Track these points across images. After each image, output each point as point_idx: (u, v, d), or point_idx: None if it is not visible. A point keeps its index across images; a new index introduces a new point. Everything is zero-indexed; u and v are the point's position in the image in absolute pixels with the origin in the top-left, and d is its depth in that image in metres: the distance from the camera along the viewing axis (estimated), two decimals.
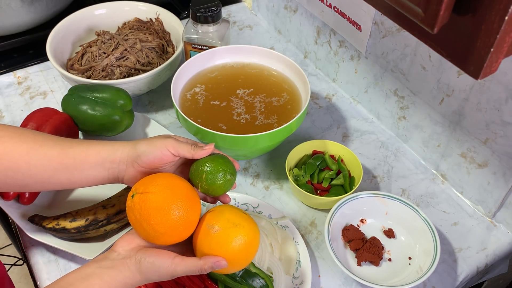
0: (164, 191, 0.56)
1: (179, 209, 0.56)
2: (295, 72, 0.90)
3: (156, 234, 0.56)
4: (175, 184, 0.58)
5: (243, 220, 0.60)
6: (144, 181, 0.58)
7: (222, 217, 0.59)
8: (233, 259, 0.58)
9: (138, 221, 0.56)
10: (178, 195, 0.57)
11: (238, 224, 0.59)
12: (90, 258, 0.69)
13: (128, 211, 0.57)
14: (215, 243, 0.58)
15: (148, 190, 0.56)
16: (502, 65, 0.64)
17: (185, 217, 0.57)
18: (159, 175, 0.59)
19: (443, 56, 0.36)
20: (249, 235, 0.59)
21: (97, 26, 1.06)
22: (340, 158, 0.86)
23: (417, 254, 0.75)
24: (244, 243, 0.58)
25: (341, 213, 0.77)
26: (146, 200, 0.56)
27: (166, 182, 0.58)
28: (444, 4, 0.31)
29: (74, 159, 0.60)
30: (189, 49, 0.94)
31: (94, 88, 0.85)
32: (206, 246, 0.58)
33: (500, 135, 0.73)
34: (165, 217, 0.55)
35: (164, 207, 0.55)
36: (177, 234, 0.57)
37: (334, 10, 0.94)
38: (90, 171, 0.61)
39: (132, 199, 0.57)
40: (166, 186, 0.57)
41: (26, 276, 1.67)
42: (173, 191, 0.57)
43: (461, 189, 0.85)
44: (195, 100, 0.88)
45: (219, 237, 0.58)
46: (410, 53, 0.82)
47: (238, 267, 0.61)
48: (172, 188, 0.57)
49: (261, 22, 1.24)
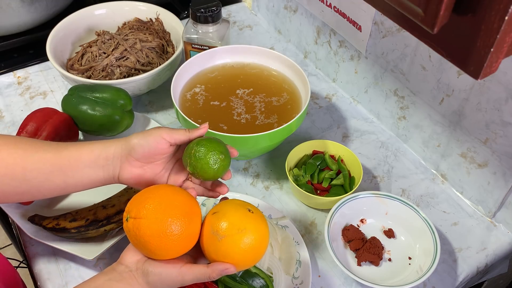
0: (156, 216, 0.54)
1: (176, 227, 0.54)
2: (295, 72, 0.90)
3: (156, 256, 0.55)
4: (168, 202, 0.56)
5: (248, 223, 0.57)
6: (135, 202, 0.56)
7: (226, 220, 0.57)
8: (240, 263, 0.57)
9: (137, 245, 0.55)
10: (172, 212, 0.55)
11: (244, 229, 0.56)
12: (90, 258, 0.69)
13: (126, 233, 0.56)
14: (221, 250, 0.56)
15: (140, 215, 0.54)
16: (502, 65, 0.64)
17: (185, 234, 0.55)
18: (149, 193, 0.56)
19: (443, 56, 0.36)
20: (256, 238, 0.57)
21: (97, 26, 1.06)
22: (340, 158, 0.86)
23: (417, 254, 0.75)
24: (251, 247, 0.56)
25: (341, 213, 0.77)
26: (139, 227, 0.54)
27: (157, 203, 0.55)
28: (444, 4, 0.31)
29: (68, 159, 0.59)
30: (189, 49, 0.94)
31: (94, 88, 0.85)
32: (213, 252, 0.57)
33: (500, 135, 0.73)
34: (162, 242, 0.54)
35: (159, 232, 0.53)
36: (179, 251, 0.56)
37: (334, 10, 0.94)
38: (84, 171, 0.60)
39: (126, 223, 0.55)
40: (157, 209, 0.54)
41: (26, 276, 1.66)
42: (166, 212, 0.54)
43: (461, 189, 0.85)
44: (195, 100, 0.88)
45: (225, 244, 0.56)
46: (410, 53, 0.82)
47: (247, 267, 0.60)
48: (165, 209, 0.55)
49: (261, 22, 1.24)
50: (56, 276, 0.73)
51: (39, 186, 0.60)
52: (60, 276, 0.73)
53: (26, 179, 0.59)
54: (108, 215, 0.73)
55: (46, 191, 0.61)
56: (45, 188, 0.60)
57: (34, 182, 0.59)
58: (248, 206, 0.59)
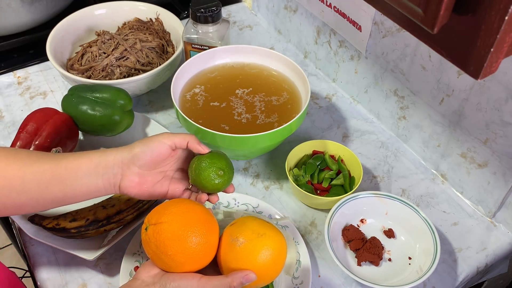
0: (178, 219, 0.54)
1: (196, 235, 0.54)
2: (295, 72, 0.90)
3: (175, 264, 0.54)
4: (188, 209, 0.56)
5: (267, 230, 0.57)
6: (156, 212, 0.56)
7: (245, 228, 0.57)
8: (261, 271, 0.56)
9: (155, 254, 0.54)
10: (193, 220, 0.55)
11: (264, 234, 0.56)
12: (90, 258, 0.69)
13: (144, 245, 0.55)
14: (241, 256, 0.55)
15: (161, 220, 0.54)
16: (502, 65, 0.64)
17: (204, 242, 0.55)
18: (170, 203, 0.57)
19: (443, 56, 0.36)
20: (276, 244, 0.57)
21: (97, 26, 1.06)
22: (340, 158, 0.86)
23: (417, 254, 0.75)
24: (272, 253, 0.56)
25: (341, 213, 0.77)
26: (160, 231, 0.53)
27: (178, 209, 0.56)
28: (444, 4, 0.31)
29: (66, 168, 0.59)
30: (189, 49, 0.94)
31: (94, 88, 0.85)
32: (232, 260, 0.56)
33: (500, 135, 0.73)
34: (183, 246, 0.53)
35: (180, 235, 0.53)
36: (197, 262, 0.56)
37: (334, 10, 0.94)
38: (83, 180, 0.59)
39: (146, 232, 0.55)
40: (179, 213, 0.55)
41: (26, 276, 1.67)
42: (187, 217, 0.55)
43: (461, 189, 0.85)
44: (195, 101, 0.88)
45: (245, 250, 0.55)
46: (410, 53, 0.82)
47: (268, 280, 0.58)
48: (186, 214, 0.55)
49: (261, 22, 1.24)
50: (56, 276, 0.73)
51: (38, 197, 0.59)
52: (60, 276, 0.73)
53: (25, 190, 0.58)
54: (108, 215, 0.73)
55: (45, 201, 0.60)
56: (44, 199, 0.59)
57: (33, 193, 0.58)
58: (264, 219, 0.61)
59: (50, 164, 0.59)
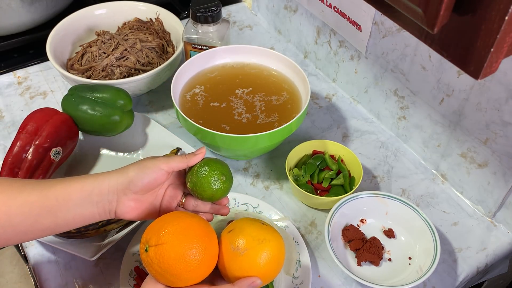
0: (179, 238, 0.54)
1: (198, 251, 0.54)
2: (295, 72, 0.90)
3: (181, 281, 0.55)
4: (186, 225, 0.56)
5: (267, 234, 0.58)
6: (153, 231, 0.55)
7: (245, 235, 0.58)
8: (265, 275, 0.57)
9: (160, 274, 0.54)
10: (193, 236, 0.55)
11: (264, 239, 0.57)
12: (90, 258, 0.69)
13: (146, 265, 0.55)
14: (245, 264, 0.56)
15: (161, 241, 0.54)
16: (502, 65, 0.64)
17: (206, 256, 0.55)
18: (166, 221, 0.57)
19: (443, 56, 0.36)
20: (277, 247, 0.58)
21: (97, 26, 1.06)
22: (340, 158, 0.86)
23: (417, 254, 0.75)
24: (273, 257, 0.57)
25: (341, 213, 0.77)
26: (163, 253, 0.53)
27: (176, 227, 0.55)
28: (444, 4, 0.31)
29: (56, 199, 0.55)
30: (189, 49, 0.94)
31: (94, 88, 0.85)
32: (237, 269, 0.57)
33: (500, 135, 0.73)
34: (187, 264, 0.54)
35: (183, 254, 0.54)
36: (201, 274, 0.56)
37: (334, 10, 0.94)
38: (76, 210, 0.56)
39: (147, 254, 0.54)
40: (179, 232, 0.55)
41: (26, 276, 1.67)
42: (187, 234, 0.55)
43: (461, 189, 0.85)
44: (195, 101, 0.88)
45: (248, 258, 0.56)
46: (410, 53, 0.82)
47: (269, 280, 0.60)
48: (185, 231, 0.55)
49: (261, 22, 1.24)
50: (56, 276, 0.73)
51: (26, 230, 0.55)
52: (60, 276, 0.73)
53: (12, 224, 0.54)
54: None
55: (34, 233, 0.56)
56: (33, 231, 0.56)
57: (21, 227, 0.55)
58: (259, 220, 0.61)
59: (37, 195, 0.55)
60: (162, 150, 0.84)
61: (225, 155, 0.90)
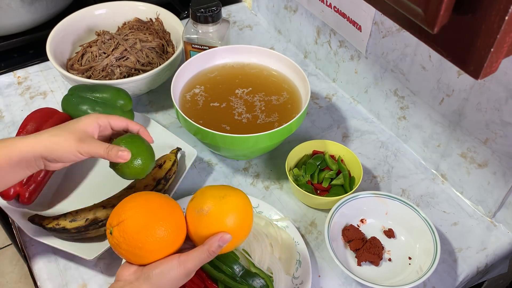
0: (138, 210, 0.55)
1: (160, 219, 0.55)
2: (295, 72, 0.90)
3: (150, 253, 0.55)
4: (145, 199, 0.57)
5: (227, 191, 0.59)
6: (114, 214, 0.57)
7: (205, 197, 0.58)
8: (233, 229, 0.57)
9: (128, 251, 0.55)
10: (153, 207, 0.56)
11: (225, 195, 0.58)
12: (90, 258, 0.69)
13: (115, 248, 0.56)
14: (210, 222, 0.57)
15: (122, 219, 0.55)
16: (502, 65, 0.64)
17: (169, 224, 0.56)
18: (125, 201, 0.58)
19: (443, 56, 0.36)
20: (240, 201, 0.58)
21: (97, 26, 1.06)
22: (340, 158, 0.86)
23: (417, 254, 0.75)
24: (238, 211, 0.58)
25: (341, 213, 0.77)
26: (125, 229, 0.54)
27: (135, 203, 0.57)
28: (444, 4, 0.31)
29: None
30: (189, 49, 0.94)
31: (94, 88, 0.85)
32: (203, 229, 0.57)
33: (500, 135, 0.73)
34: (152, 233, 0.54)
35: (145, 224, 0.54)
36: (171, 244, 0.56)
37: (334, 10, 0.94)
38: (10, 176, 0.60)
39: (112, 236, 0.55)
40: (137, 206, 0.56)
41: (26, 276, 1.67)
42: (146, 206, 0.56)
43: (461, 189, 0.85)
44: (195, 101, 0.88)
45: (212, 215, 0.57)
46: (410, 53, 0.82)
47: (242, 237, 0.60)
48: (144, 204, 0.56)
49: (261, 22, 1.24)
50: (56, 276, 0.73)
51: None
52: (60, 276, 0.73)
53: None
54: (108, 215, 0.73)
55: None
56: None
57: None
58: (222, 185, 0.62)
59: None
60: (162, 150, 0.84)
61: (225, 155, 0.90)
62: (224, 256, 0.70)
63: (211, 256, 0.56)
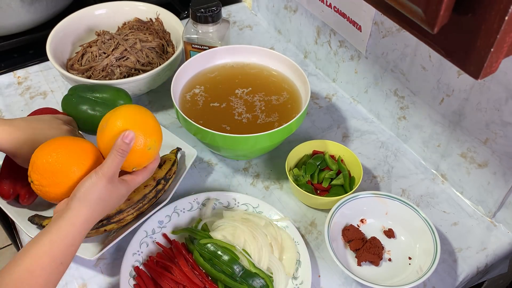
0: (42, 148, 0.61)
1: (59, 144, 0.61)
2: (295, 72, 0.90)
3: (69, 178, 0.60)
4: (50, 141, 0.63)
5: (121, 106, 0.65)
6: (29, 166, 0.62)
7: (105, 117, 0.64)
8: (133, 128, 0.60)
9: (51, 185, 0.60)
10: (55, 140, 0.62)
11: (119, 107, 0.64)
12: (90, 258, 0.69)
13: (41, 194, 0.61)
14: (109, 130, 0.61)
15: (32, 162, 0.61)
16: (502, 65, 0.64)
17: (72, 146, 0.62)
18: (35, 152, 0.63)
19: (443, 56, 0.36)
20: (132, 106, 0.64)
21: (97, 26, 1.06)
22: (340, 158, 0.86)
23: (417, 254, 0.75)
24: (131, 112, 0.63)
25: (341, 213, 0.77)
26: (37, 167, 0.60)
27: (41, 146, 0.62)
28: (444, 4, 0.31)
29: None
30: (189, 49, 0.94)
31: (94, 88, 0.85)
32: (106, 139, 0.61)
33: (500, 135, 0.73)
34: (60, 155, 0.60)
35: (48, 152, 0.60)
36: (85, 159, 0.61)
37: (334, 10, 0.94)
38: None
39: (33, 183, 0.61)
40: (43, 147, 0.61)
41: None
42: (49, 143, 0.62)
43: (461, 189, 0.85)
44: (195, 101, 0.88)
45: (110, 125, 0.61)
46: (410, 53, 0.82)
47: (150, 135, 0.63)
48: (49, 142, 0.62)
49: (261, 22, 1.24)
50: None
51: None
52: None
53: None
54: (108, 215, 0.73)
55: None
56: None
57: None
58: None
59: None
60: (162, 150, 0.84)
61: (225, 155, 0.90)
62: (224, 256, 0.70)
63: (123, 155, 0.58)
